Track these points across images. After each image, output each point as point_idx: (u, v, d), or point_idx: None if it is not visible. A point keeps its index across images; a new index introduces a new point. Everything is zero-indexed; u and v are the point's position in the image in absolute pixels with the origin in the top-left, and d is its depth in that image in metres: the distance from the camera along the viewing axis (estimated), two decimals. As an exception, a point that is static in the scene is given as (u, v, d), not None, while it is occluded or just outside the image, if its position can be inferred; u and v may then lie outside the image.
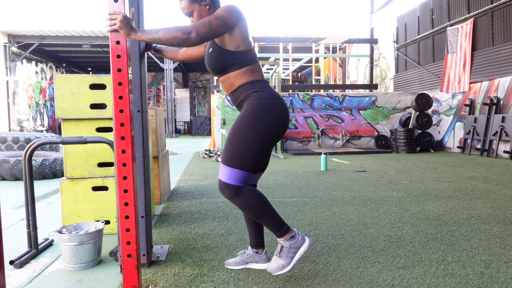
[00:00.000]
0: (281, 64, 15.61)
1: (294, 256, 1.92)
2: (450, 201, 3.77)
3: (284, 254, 1.93)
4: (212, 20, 1.74)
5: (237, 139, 1.86)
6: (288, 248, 1.93)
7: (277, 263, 1.93)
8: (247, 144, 1.85)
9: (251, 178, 1.92)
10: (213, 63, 1.94)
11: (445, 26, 9.84)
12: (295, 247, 1.93)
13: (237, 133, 1.87)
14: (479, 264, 2.15)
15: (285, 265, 1.91)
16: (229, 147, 1.89)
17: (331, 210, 3.45)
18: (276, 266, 1.93)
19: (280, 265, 1.92)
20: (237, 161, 1.86)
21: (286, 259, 1.92)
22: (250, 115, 1.86)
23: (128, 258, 1.67)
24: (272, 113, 1.87)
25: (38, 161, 5.47)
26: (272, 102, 1.89)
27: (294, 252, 1.92)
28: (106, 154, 2.81)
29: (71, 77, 2.74)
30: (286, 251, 1.93)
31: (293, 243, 1.93)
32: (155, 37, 1.70)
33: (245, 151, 1.85)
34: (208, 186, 4.78)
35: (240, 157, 1.85)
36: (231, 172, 1.87)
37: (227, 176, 1.89)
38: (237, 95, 1.95)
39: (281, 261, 1.92)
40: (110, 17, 1.62)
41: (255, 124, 1.85)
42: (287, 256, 1.92)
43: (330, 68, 18.77)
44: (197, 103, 25.41)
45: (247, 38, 1.89)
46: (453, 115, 9.39)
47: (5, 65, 15.42)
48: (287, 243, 1.93)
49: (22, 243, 2.66)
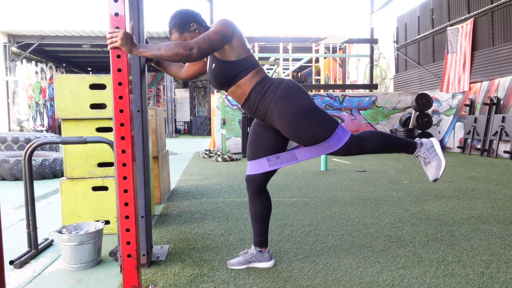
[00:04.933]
0: (281, 64, 15.59)
1: (436, 152, 2.06)
2: (450, 201, 3.77)
3: (429, 158, 2.06)
4: (211, 35, 1.81)
5: (308, 120, 1.92)
6: (427, 152, 2.06)
7: (433, 168, 2.05)
8: (316, 115, 1.93)
9: (344, 128, 2.01)
10: (219, 77, 1.98)
11: (445, 26, 9.84)
12: (430, 147, 2.07)
13: (302, 118, 1.91)
14: (479, 264, 2.15)
15: (439, 162, 2.04)
16: (312, 131, 1.92)
17: (331, 210, 3.45)
18: (435, 169, 2.05)
19: (436, 165, 2.04)
20: (330, 127, 1.93)
21: (435, 158, 2.05)
22: (289, 101, 1.92)
23: (128, 258, 1.67)
24: (295, 88, 1.96)
25: (38, 161, 5.47)
26: (286, 83, 1.98)
27: (434, 150, 2.06)
28: (106, 154, 2.81)
29: (71, 77, 2.74)
30: (428, 155, 2.06)
31: (425, 146, 2.07)
32: (157, 54, 1.72)
33: (321, 118, 1.93)
34: (208, 186, 4.78)
35: (326, 123, 1.93)
36: (337, 135, 1.94)
37: (340, 139, 1.95)
38: (252, 101, 1.99)
39: (433, 162, 2.06)
40: (110, 35, 1.63)
41: (300, 101, 1.92)
42: (433, 157, 2.05)
43: (330, 68, 18.77)
44: (197, 103, 25.41)
45: (245, 45, 1.97)
46: (453, 115, 9.39)
47: (5, 65, 15.42)
48: (422, 150, 2.07)
49: (22, 243, 2.65)
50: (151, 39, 16.03)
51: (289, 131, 1.95)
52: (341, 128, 1.96)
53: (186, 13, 2.00)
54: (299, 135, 1.94)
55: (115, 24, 1.65)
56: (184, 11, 2.00)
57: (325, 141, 1.93)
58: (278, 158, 2.07)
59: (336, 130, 1.94)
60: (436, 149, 2.06)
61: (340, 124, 1.98)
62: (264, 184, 2.14)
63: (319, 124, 1.92)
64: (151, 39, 16.00)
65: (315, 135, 1.93)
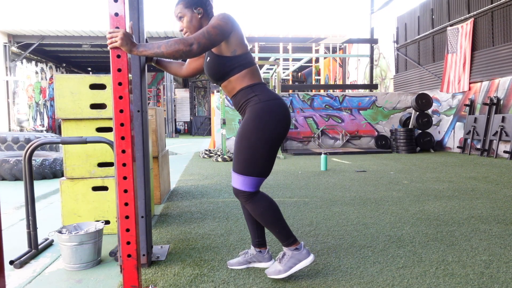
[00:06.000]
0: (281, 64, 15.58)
1: (294, 266, 1.95)
2: (450, 201, 3.77)
3: (285, 261, 1.96)
4: (210, 30, 1.80)
5: (244, 147, 1.91)
6: (289, 257, 1.96)
7: (274, 268, 1.98)
8: (255, 151, 1.90)
9: (262, 182, 1.98)
10: (213, 71, 1.99)
11: (445, 26, 9.84)
12: (297, 258, 1.96)
13: (243, 141, 1.91)
14: (479, 264, 2.15)
15: (282, 272, 1.95)
16: (238, 156, 1.93)
17: (331, 210, 3.45)
18: (273, 270, 1.98)
19: (277, 270, 1.96)
20: (248, 169, 1.91)
21: (285, 266, 1.95)
22: (254, 121, 1.90)
23: (128, 258, 1.67)
24: (274, 116, 1.91)
25: (38, 161, 5.47)
26: (272, 104, 1.93)
27: (294, 263, 1.95)
28: (106, 154, 2.81)
29: (71, 77, 2.74)
30: (287, 259, 1.96)
31: (297, 254, 1.96)
32: (158, 52, 1.72)
33: (254, 158, 1.90)
34: (208, 186, 4.78)
35: (251, 164, 1.90)
36: (244, 180, 1.93)
37: (240, 184, 1.94)
38: (238, 99, 2.00)
39: (279, 266, 1.96)
40: (110, 35, 1.64)
41: (260, 130, 1.89)
42: (286, 264, 1.95)
43: (330, 68, 18.77)
44: (197, 103, 25.41)
45: (242, 42, 1.95)
46: (453, 115, 9.39)
47: (5, 65, 15.42)
48: (290, 252, 1.97)
49: (22, 243, 2.66)
50: (151, 39, 16.03)
51: (235, 139, 1.96)
52: (255, 180, 1.92)
53: None
54: (235, 149, 1.96)
55: (115, 24, 1.65)
56: None
57: (239, 174, 1.93)
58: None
59: (254, 178, 1.91)
60: (297, 265, 1.93)
61: (262, 178, 1.93)
62: None
63: (249, 160, 1.89)
64: (151, 39, 15.99)
65: (238, 162, 1.93)
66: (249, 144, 1.90)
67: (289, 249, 1.97)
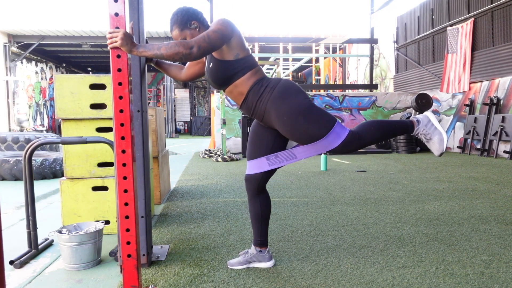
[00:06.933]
0: (281, 64, 15.61)
1: (435, 126, 2.05)
2: (450, 201, 3.77)
3: (429, 133, 2.06)
4: (211, 34, 1.82)
5: (305, 119, 1.92)
6: (426, 128, 2.07)
7: (435, 143, 2.06)
8: (313, 112, 1.93)
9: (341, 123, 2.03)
10: (217, 76, 1.99)
11: (445, 26, 9.84)
12: (427, 122, 2.07)
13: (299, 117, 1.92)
14: (479, 264, 2.15)
15: (440, 136, 2.04)
16: (309, 129, 1.93)
17: (331, 210, 3.45)
18: (438, 143, 2.05)
19: (438, 139, 2.05)
20: (327, 124, 1.94)
21: (435, 132, 2.05)
22: (286, 101, 1.93)
23: (128, 258, 1.67)
24: (292, 88, 1.97)
25: (38, 161, 5.47)
26: (283, 83, 1.99)
27: (432, 124, 2.06)
28: (106, 154, 2.81)
29: (71, 77, 2.74)
30: (427, 131, 2.06)
31: (422, 122, 2.07)
32: (157, 53, 1.73)
33: (318, 115, 1.94)
34: (208, 186, 4.78)
35: (324, 120, 1.94)
36: (335, 132, 1.95)
37: (339, 136, 1.96)
38: (250, 102, 2.00)
39: (435, 137, 2.06)
40: (110, 35, 1.64)
41: (297, 100, 1.93)
42: (433, 131, 2.05)
43: (330, 68, 18.76)
44: (197, 103, 25.41)
45: (243, 45, 1.97)
46: (453, 115, 9.39)
47: (5, 65, 15.42)
48: (420, 128, 2.08)
49: (22, 243, 2.65)
50: (151, 39, 16.03)
51: (286, 130, 1.96)
52: (338, 125, 1.96)
53: (188, 10, 2.01)
54: (296, 133, 1.95)
55: (115, 24, 1.65)
56: (186, 9, 2.01)
57: (323, 138, 1.93)
58: (277, 157, 2.07)
59: (334, 127, 1.94)
60: (434, 123, 2.06)
61: (338, 121, 1.98)
62: (263, 183, 2.14)
63: (316, 122, 1.93)
64: (151, 39, 15.99)
65: (312, 133, 1.93)
66: (305, 115, 1.92)
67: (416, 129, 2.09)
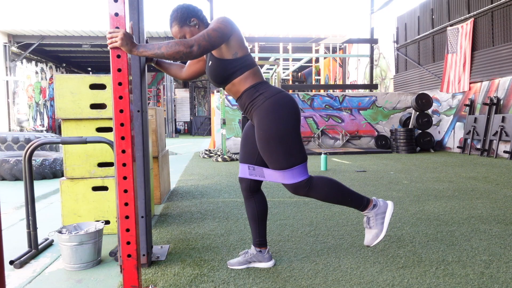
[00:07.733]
0: (281, 64, 15.58)
1: (383, 221, 2.01)
2: (450, 201, 3.77)
3: (373, 223, 2.01)
4: (211, 32, 1.82)
5: (276, 144, 1.91)
6: (374, 217, 2.01)
7: (371, 234, 2.02)
8: (286, 143, 1.91)
9: (306, 164, 2.00)
10: (215, 74, 2.01)
11: (445, 26, 9.84)
12: (380, 213, 2.02)
13: (270, 141, 1.91)
14: (479, 264, 2.15)
15: (379, 233, 2.01)
16: (273, 155, 1.92)
17: (331, 210, 3.45)
18: (371, 237, 2.02)
19: (374, 234, 2.01)
20: (291, 159, 1.92)
21: (377, 226, 2.01)
22: (269, 119, 1.91)
23: (128, 258, 1.67)
24: (285, 107, 1.95)
25: (38, 161, 5.47)
26: (278, 97, 1.96)
27: (382, 218, 2.01)
28: (106, 154, 2.81)
29: (71, 77, 2.74)
30: (373, 220, 2.01)
31: (377, 210, 2.01)
32: (158, 52, 1.73)
33: (289, 148, 1.92)
34: (208, 186, 4.78)
35: (290, 155, 1.92)
36: (293, 171, 1.93)
37: (293, 177, 1.94)
38: (243, 101, 2.02)
39: (374, 230, 2.01)
40: (110, 35, 1.64)
41: (279, 123, 1.91)
42: (377, 224, 2.01)
43: (330, 68, 18.77)
44: (197, 103, 25.41)
45: (243, 44, 1.97)
46: (453, 115, 9.39)
47: (5, 65, 15.41)
48: (371, 212, 2.01)
49: (22, 243, 2.66)
50: (151, 39, 16.03)
51: (259, 144, 1.96)
52: (302, 167, 1.94)
53: (188, 7, 2.02)
54: (265, 153, 1.95)
55: (115, 24, 1.65)
56: (186, 6, 2.02)
57: (283, 170, 1.93)
58: (254, 170, 2.09)
59: (297, 166, 1.92)
60: (385, 217, 2.01)
61: (305, 163, 1.95)
62: (254, 185, 2.14)
63: (285, 153, 1.91)
64: (151, 39, 15.99)
65: (276, 160, 1.92)
66: (277, 140, 1.90)
67: (368, 210, 2.02)
